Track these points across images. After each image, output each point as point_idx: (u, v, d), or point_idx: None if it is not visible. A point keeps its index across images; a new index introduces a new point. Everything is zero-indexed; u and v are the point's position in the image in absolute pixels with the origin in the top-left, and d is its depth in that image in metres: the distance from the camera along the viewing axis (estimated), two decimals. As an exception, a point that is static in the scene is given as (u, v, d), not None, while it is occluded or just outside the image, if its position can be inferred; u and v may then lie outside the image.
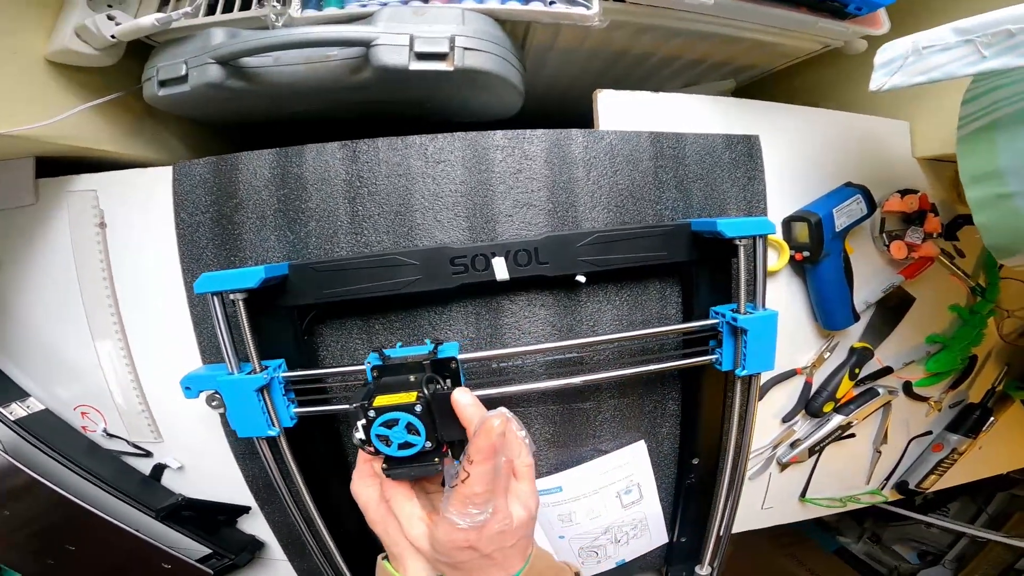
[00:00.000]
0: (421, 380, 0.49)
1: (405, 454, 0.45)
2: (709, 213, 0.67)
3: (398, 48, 0.55)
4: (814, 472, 0.85)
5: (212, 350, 0.66)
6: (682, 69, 0.81)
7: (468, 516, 0.42)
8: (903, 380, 0.85)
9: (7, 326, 0.69)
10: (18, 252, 0.67)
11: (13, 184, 0.66)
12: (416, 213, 0.62)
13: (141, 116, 0.71)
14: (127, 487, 0.70)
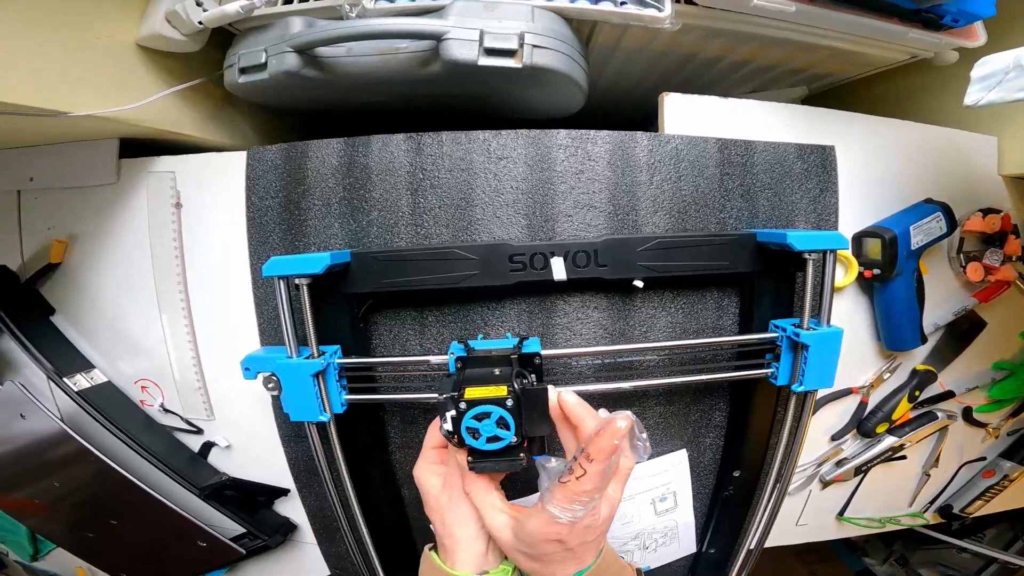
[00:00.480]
0: (510, 374, 0.50)
1: (492, 447, 0.46)
2: (776, 224, 0.65)
3: (468, 43, 0.55)
4: (856, 491, 0.82)
5: (271, 332, 0.68)
6: (752, 74, 0.78)
7: (571, 511, 0.42)
8: (963, 405, 0.81)
9: (80, 300, 0.73)
10: (95, 228, 0.71)
11: (97, 163, 0.69)
12: (476, 208, 0.63)
13: (219, 102, 0.74)
14: (176, 463, 0.73)
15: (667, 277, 0.61)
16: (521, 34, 0.55)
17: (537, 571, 0.47)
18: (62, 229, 0.72)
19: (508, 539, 0.47)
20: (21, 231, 0.73)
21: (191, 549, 0.75)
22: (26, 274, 0.72)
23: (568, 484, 0.42)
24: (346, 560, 0.77)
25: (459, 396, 0.45)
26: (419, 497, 0.69)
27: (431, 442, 0.57)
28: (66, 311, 0.74)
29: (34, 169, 0.71)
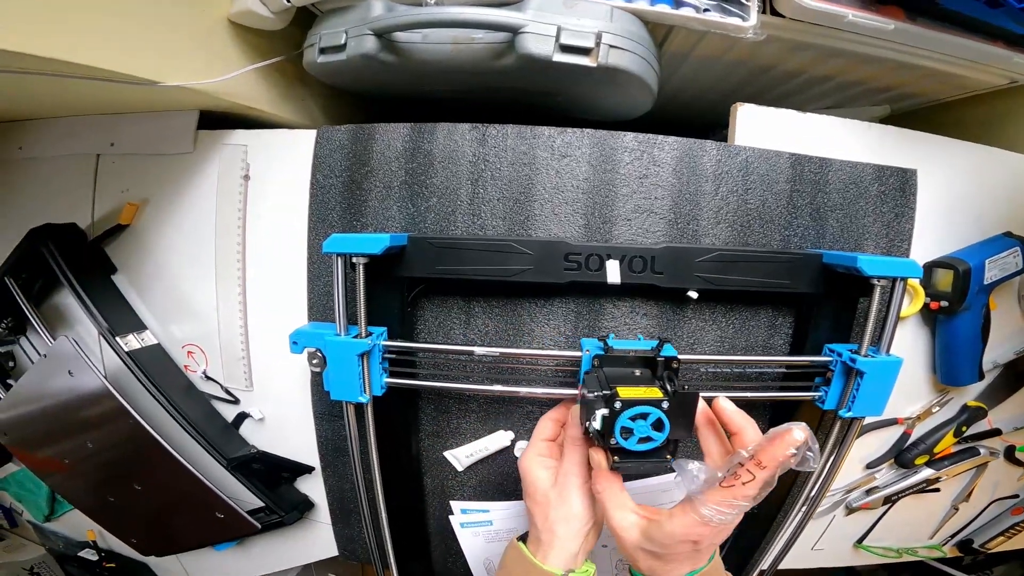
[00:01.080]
0: (651, 376, 0.51)
1: (643, 448, 0.46)
2: (842, 247, 0.62)
3: (544, 38, 0.55)
4: (880, 520, 0.80)
5: (320, 309, 0.70)
6: (832, 90, 0.76)
7: (724, 514, 0.43)
8: (1007, 443, 0.78)
9: (143, 262, 0.77)
10: (167, 194, 0.74)
11: (177, 132, 0.73)
12: (535, 204, 0.63)
13: (292, 81, 0.76)
14: (210, 431, 0.74)
15: (724, 291, 0.59)
16: (599, 33, 0.54)
17: (655, 569, 0.48)
18: (135, 193, 0.75)
19: (634, 538, 0.48)
20: (95, 193, 0.77)
21: (208, 520, 0.77)
22: (94, 233, 0.77)
23: (733, 488, 0.42)
24: (356, 543, 0.79)
25: (613, 395, 0.45)
26: (440, 486, 0.73)
27: (542, 434, 0.58)
28: (128, 271, 0.78)
29: (116, 135, 0.75)
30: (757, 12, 0.54)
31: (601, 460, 0.50)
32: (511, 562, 0.53)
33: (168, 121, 0.73)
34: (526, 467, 0.55)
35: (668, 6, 0.56)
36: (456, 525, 0.73)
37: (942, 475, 0.75)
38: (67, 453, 0.78)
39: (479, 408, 0.69)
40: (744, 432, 0.46)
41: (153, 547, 0.87)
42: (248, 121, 0.73)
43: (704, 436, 0.49)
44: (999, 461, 0.78)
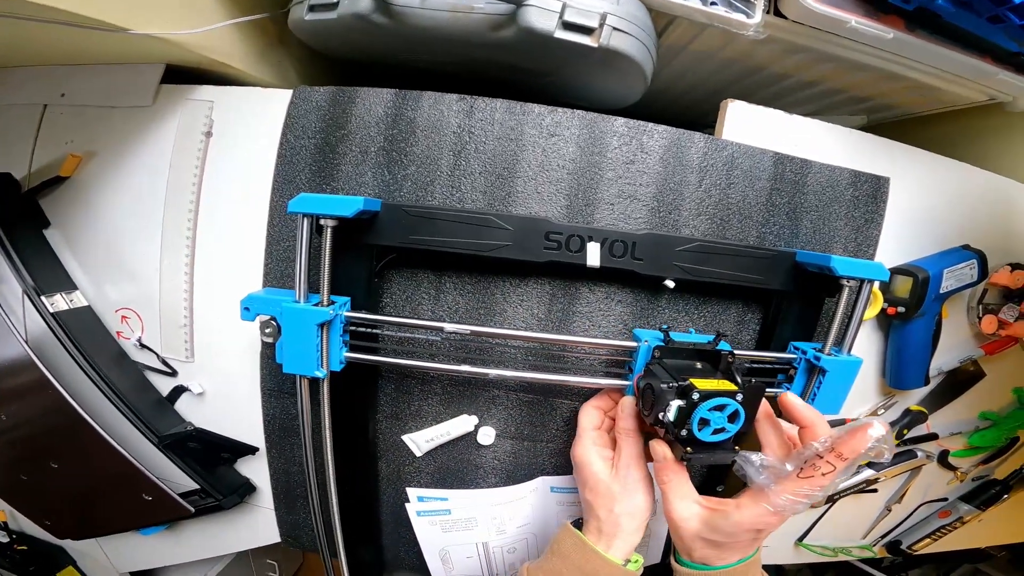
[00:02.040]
0: (727, 370, 0.52)
1: (716, 439, 0.47)
2: (813, 247, 0.64)
3: (548, 13, 0.54)
4: (820, 519, 0.83)
5: (277, 276, 0.66)
6: (816, 96, 0.78)
7: (799, 504, 0.44)
8: (941, 448, 0.82)
9: (81, 217, 0.71)
10: (115, 148, 0.69)
11: (137, 85, 0.68)
12: (518, 180, 0.61)
13: (271, 41, 0.72)
14: (140, 405, 0.69)
15: (698, 282, 0.59)
16: (604, 14, 0.53)
17: (708, 558, 0.50)
18: (80, 145, 0.70)
19: (694, 528, 0.49)
20: (36, 143, 0.71)
21: (133, 501, 0.72)
22: (29, 185, 0.70)
23: (812, 478, 0.44)
24: (301, 529, 0.75)
25: (689, 386, 0.46)
26: (396, 472, 0.70)
27: (591, 422, 0.59)
28: (63, 227, 0.72)
29: (68, 85, 0.70)
30: (762, 11, 0.54)
31: (667, 452, 0.51)
32: (570, 549, 0.54)
33: (128, 73, 0.68)
34: (584, 458, 0.56)
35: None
36: (412, 513, 0.70)
37: (881, 476, 0.78)
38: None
39: (442, 391, 0.67)
40: (816, 426, 0.47)
41: (69, 530, 0.81)
42: (214, 78, 0.69)
43: (764, 429, 0.50)
44: (932, 465, 0.82)
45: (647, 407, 0.51)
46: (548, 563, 0.54)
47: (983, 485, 0.87)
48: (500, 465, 0.70)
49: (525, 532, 0.73)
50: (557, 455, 0.69)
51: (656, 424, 0.50)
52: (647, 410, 0.51)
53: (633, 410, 0.55)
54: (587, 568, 0.52)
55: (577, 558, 0.52)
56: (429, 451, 0.69)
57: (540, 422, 0.68)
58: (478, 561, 0.74)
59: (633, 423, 0.55)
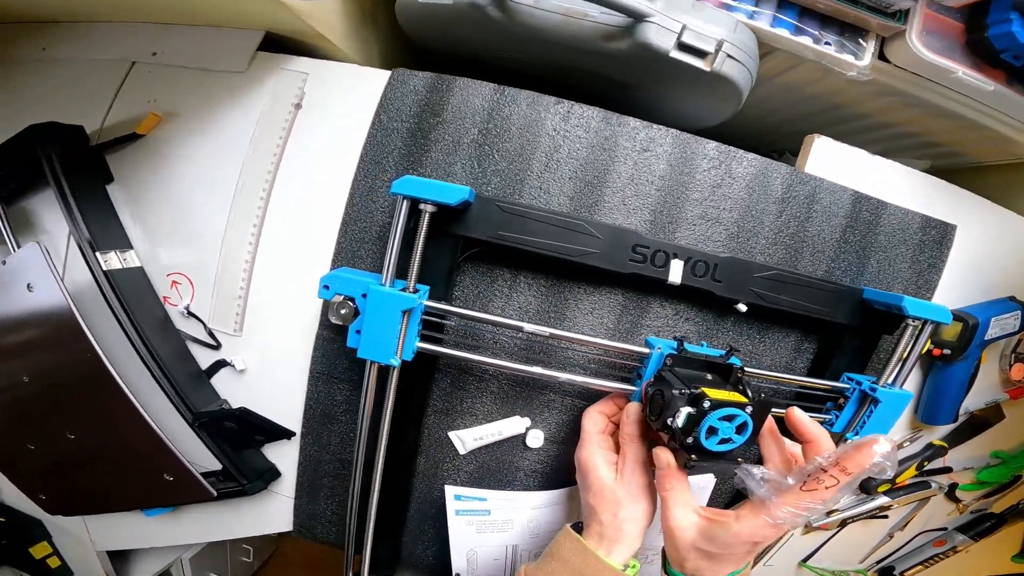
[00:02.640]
0: (736, 383, 0.53)
1: (723, 449, 0.47)
2: (875, 285, 0.66)
3: (667, 32, 0.55)
4: (827, 542, 0.86)
5: (348, 255, 0.65)
6: (889, 137, 0.80)
7: (798, 517, 0.45)
8: (952, 481, 0.86)
9: (147, 175, 0.70)
10: (200, 110, 0.68)
11: (234, 50, 0.67)
12: (606, 190, 0.62)
13: (366, 19, 0.72)
14: (178, 377, 0.66)
15: (767, 308, 0.62)
16: (720, 41, 0.55)
17: (701, 569, 0.50)
18: (163, 105, 0.69)
19: (690, 538, 0.49)
20: (115, 100, 0.70)
21: (152, 480, 0.68)
22: (100, 140, 0.69)
23: (815, 491, 0.44)
24: (318, 520, 0.73)
25: (700, 395, 0.46)
26: (434, 468, 0.70)
27: (596, 427, 0.59)
28: (127, 184, 0.70)
29: (161, 44, 0.70)
30: (871, 54, 0.56)
31: (670, 458, 0.51)
32: (570, 553, 0.53)
33: (226, 38, 0.67)
34: (590, 462, 0.56)
35: (788, 31, 0.57)
36: (451, 511, 0.70)
37: (895, 503, 0.82)
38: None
39: (498, 390, 0.67)
40: (820, 441, 0.48)
41: (66, 506, 0.76)
42: (305, 52, 0.68)
43: (767, 444, 0.51)
44: (939, 496, 0.86)
45: (655, 412, 0.51)
46: (547, 565, 0.54)
47: (980, 517, 0.92)
48: (542, 469, 0.71)
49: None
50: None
51: (663, 430, 0.50)
52: (655, 415, 0.51)
53: (639, 416, 0.56)
54: (587, 572, 0.52)
55: (577, 562, 0.52)
56: (472, 450, 0.69)
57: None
58: (503, 563, 0.74)
59: (638, 429, 0.55)
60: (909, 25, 0.56)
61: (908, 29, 0.56)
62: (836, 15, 0.58)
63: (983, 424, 0.82)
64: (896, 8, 0.55)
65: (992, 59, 0.57)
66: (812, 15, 0.59)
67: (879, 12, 0.56)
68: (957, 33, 0.57)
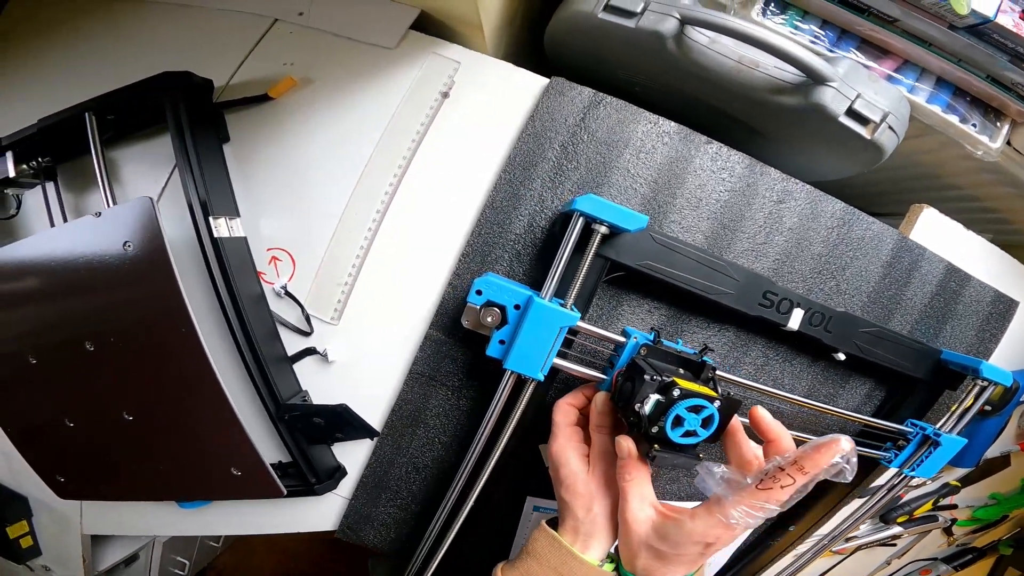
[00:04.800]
0: (707, 380, 0.52)
1: (686, 442, 0.46)
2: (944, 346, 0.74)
3: (842, 98, 0.58)
4: (838, 565, 0.95)
5: (477, 260, 0.64)
6: (969, 209, 0.85)
7: (752, 517, 0.43)
8: (952, 517, 0.98)
9: (267, 141, 0.66)
10: (340, 81, 0.65)
11: (387, 24, 0.64)
12: (739, 235, 0.66)
13: (515, 17, 0.70)
14: (265, 360, 0.62)
15: (861, 360, 0.68)
16: (887, 113, 0.58)
17: (650, 570, 0.49)
18: (301, 70, 0.65)
19: (643, 532, 0.48)
20: (249, 56, 0.65)
21: (216, 474, 0.63)
22: (223, 97, 0.65)
23: (771, 491, 0.43)
24: (370, 524, 0.71)
25: (671, 383, 0.46)
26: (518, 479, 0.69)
27: (567, 420, 0.57)
28: (242, 146, 0.66)
29: (310, 6, 0.65)
30: (1003, 138, 0.61)
31: (632, 447, 0.49)
32: (545, 550, 0.52)
33: (380, 10, 0.64)
34: (560, 456, 0.54)
35: (940, 107, 0.62)
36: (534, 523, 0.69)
37: (906, 533, 0.93)
38: (45, 349, 0.61)
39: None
40: (781, 440, 0.48)
41: (87, 492, 0.70)
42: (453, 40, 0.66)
43: (730, 443, 0.50)
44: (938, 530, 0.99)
45: (623, 399, 0.50)
46: (523, 564, 0.52)
47: (963, 550, 1.06)
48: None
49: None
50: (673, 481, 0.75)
51: (628, 416, 0.49)
52: (623, 402, 0.50)
53: (607, 407, 0.55)
54: (562, 569, 0.50)
55: (553, 559, 0.51)
56: None
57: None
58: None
59: (606, 420, 0.55)
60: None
61: (1043, 119, 0.62)
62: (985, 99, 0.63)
63: (993, 469, 0.94)
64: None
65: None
66: (962, 95, 0.64)
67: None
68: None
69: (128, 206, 0.58)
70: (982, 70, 0.61)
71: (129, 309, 0.60)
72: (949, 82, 0.64)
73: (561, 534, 0.52)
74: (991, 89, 0.62)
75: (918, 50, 0.62)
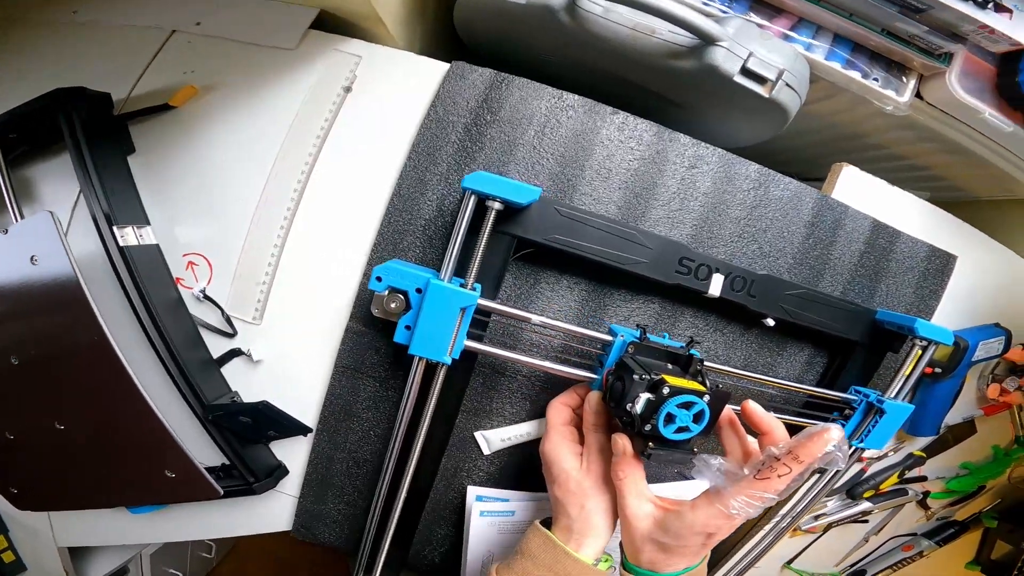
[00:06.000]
0: (695, 374, 0.53)
1: (679, 438, 0.47)
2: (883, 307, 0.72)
3: (734, 57, 0.57)
4: (812, 544, 0.92)
5: (390, 247, 0.64)
6: (898, 168, 0.85)
7: (752, 507, 0.45)
8: (925, 490, 0.95)
9: (173, 149, 0.66)
10: (241, 86, 0.65)
11: (286, 25, 0.65)
12: (654, 202, 0.65)
13: (422, 9, 0.71)
14: (188, 364, 0.62)
15: (791, 324, 0.66)
16: (782, 70, 0.58)
17: (656, 562, 0.49)
18: (202, 78, 0.65)
19: (645, 528, 0.49)
20: (147, 69, 0.66)
21: (151, 477, 0.63)
22: (125, 110, 0.65)
23: (768, 480, 0.44)
24: (321, 521, 0.71)
25: (660, 381, 0.47)
26: (455, 468, 0.69)
27: (560, 419, 0.58)
28: (149, 156, 0.66)
29: (207, 15, 0.66)
30: (911, 92, 0.61)
31: (627, 446, 0.51)
32: (539, 549, 0.52)
33: (278, 12, 0.65)
34: (554, 454, 0.55)
35: (840, 64, 0.61)
36: (475, 513, 0.69)
37: (876, 508, 0.90)
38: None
39: (529, 391, 0.68)
40: (774, 431, 0.49)
41: (42, 502, 0.70)
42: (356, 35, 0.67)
43: (726, 435, 0.52)
44: (912, 504, 0.95)
45: (615, 399, 0.51)
46: (517, 564, 0.52)
47: (944, 524, 1.02)
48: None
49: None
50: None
51: (621, 416, 0.50)
52: (614, 402, 0.51)
53: (600, 405, 0.56)
54: (556, 568, 0.50)
55: (547, 558, 0.51)
56: (496, 451, 0.69)
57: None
58: None
59: (600, 419, 0.55)
60: (951, 67, 0.61)
61: (949, 70, 0.61)
62: (885, 53, 0.62)
63: (958, 437, 0.91)
64: (944, 51, 0.60)
65: (1017, 102, 0.62)
66: (862, 51, 0.63)
67: (926, 53, 0.60)
68: (989, 76, 0.63)
69: (31, 221, 0.58)
70: (876, 24, 0.61)
71: (44, 322, 0.60)
72: (847, 38, 0.63)
73: (554, 533, 0.53)
74: (889, 43, 0.61)
75: (811, 7, 0.61)
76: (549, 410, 0.59)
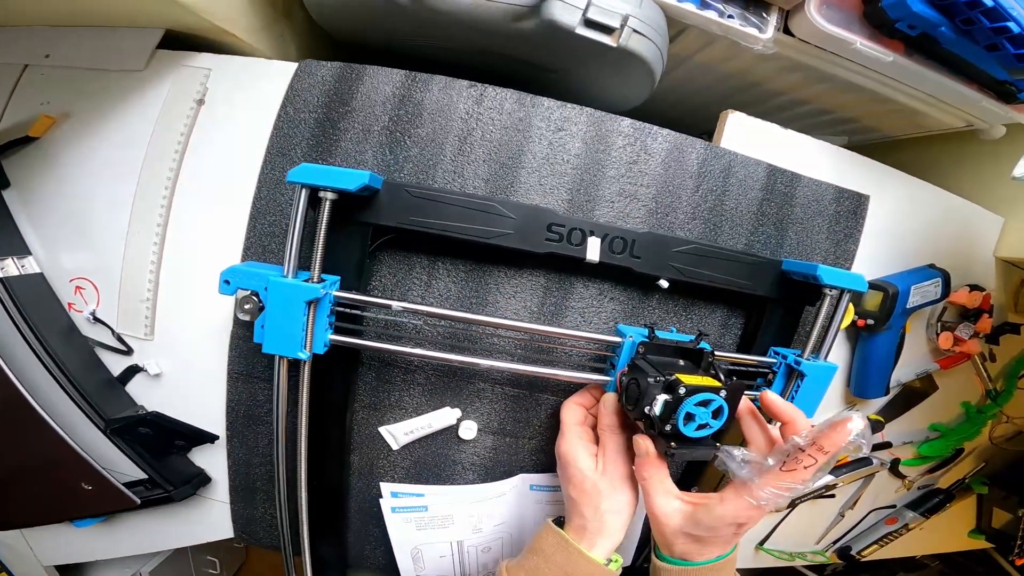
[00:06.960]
0: (708, 368, 0.54)
1: (700, 435, 0.48)
2: (795, 257, 0.67)
3: (572, 8, 0.54)
4: (780, 524, 0.86)
5: (258, 250, 0.63)
6: (805, 115, 0.81)
7: (780, 497, 0.45)
8: (893, 457, 0.87)
9: (43, 179, 0.66)
10: (96, 111, 0.65)
11: (132, 48, 0.65)
12: (522, 171, 0.61)
13: (278, 13, 0.70)
14: (87, 385, 0.64)
15: (689, 284, 0.61)
16: (626, 16, 0.54)
17: (689, 553, 0.50)
18: (57, 107, 0.66)
19: (676, 523, 0.50)
20: (8, 104, 0.66)
21: (71, 491, 0.66)
22: None
23: (795, 471, 0.45)
24: (258, 525, 0.71)
25: (676, 381, 0.47)
26: (370, 465, 0.68)
27: (575, 419, 0.59)
28: (23, 189, 0.67)
29: (55, 47, 0.67)
30: (774, 28, 0.56)
31: (649, 447, 0.51)
32: (551, 548, 0.53)
33: (123, 37, 0.65)
34: (570, 454, 0.56)
35: (695, 5, 0.57)
36: (386, 509, 0.68)
37: (839, 482, 0.82)
38: None
39: (426, 381, 0.66)
40: (796, 421, 0.49)
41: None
42: (213, 48, 0.66)
43: (748, 426, 0.52)
44: (883, 472, 0.87)
45: (631, 402, 0.51)
46: (528, 561, 0.53)
47: (928, 494, 0.93)
48: (479, 461, 0.69)
49: (501, 531, 0.72)
50: (539, 452, 0.69)
51: (640, 419, 0.50)
52: (631, 404, 0.51)
53: (615, 406, 0.56)
54: (569, 567, 0.51)
55: (559, 557, 0.52)
56: (406, 444, 0.67)
57: (524, 418, 0.67)
58: (451, 560, 0.72)
59: (616, 419, 0.56)
60: (808, -3, 0.56)
61: (807, 1, 0.57)
62: (740, -11, 0.58)
63: (917, 396, 0.83)
64: (795, -21, 0.56)
65: (888, 29, 0.57)
66: (719, -10, 0.59)
67: (778, -17, 0.56)
68: (855, 4, 0.58)
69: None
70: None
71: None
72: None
73: (567, 532, 0.54)
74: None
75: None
76: (564, 410, 0.60)
